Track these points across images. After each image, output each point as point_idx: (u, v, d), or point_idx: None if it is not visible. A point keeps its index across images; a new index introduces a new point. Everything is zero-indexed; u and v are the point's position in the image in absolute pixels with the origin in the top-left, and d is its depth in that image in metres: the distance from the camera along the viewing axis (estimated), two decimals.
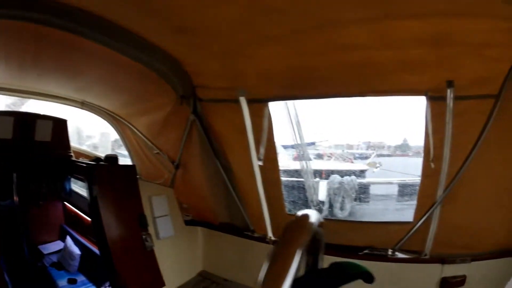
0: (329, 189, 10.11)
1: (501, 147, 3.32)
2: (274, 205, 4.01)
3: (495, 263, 3.38)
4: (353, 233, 4.09)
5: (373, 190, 12.20)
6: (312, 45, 3.01)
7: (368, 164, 12.99)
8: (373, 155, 13.79)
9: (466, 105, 3.19)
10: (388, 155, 18.56)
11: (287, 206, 4.38)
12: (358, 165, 13.18)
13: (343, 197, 10.08)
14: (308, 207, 8.93)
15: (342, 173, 11.41)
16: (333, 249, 3.70)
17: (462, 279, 3.49)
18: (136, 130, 4.94)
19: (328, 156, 13.54)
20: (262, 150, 3.69)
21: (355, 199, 11.10)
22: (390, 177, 12.57)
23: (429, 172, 3.45)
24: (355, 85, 3.44)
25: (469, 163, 3.31)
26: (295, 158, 11.77)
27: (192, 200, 4.76)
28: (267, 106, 3.67)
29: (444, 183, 3.37)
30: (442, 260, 3.51)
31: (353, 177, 10.80)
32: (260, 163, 3.71)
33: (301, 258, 0.98)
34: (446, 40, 2.83)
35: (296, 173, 9.99)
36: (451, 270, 3.51)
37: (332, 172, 11.44)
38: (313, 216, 1.16)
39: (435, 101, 3.22)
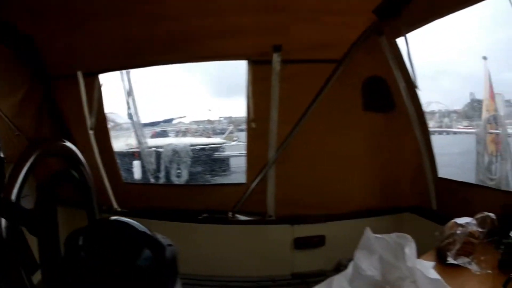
0: (164, 157, 10.15)
1: (344, 110, 3.54)
2: (112, 175, 4.06)
3: (354, 223, 3.51)
4: (190, 198, 4.14)
5: (231, 161, 12.35)
6: (139, 18, 3.09)
7: (226, 138, 13.13)
8: (229, 130, 13.95)
9: (299, 68, 3.37)
10: None
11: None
12: (216, 140, 13.28)
13: (178, 164, 10.14)
14: (146, 176, 9.35)
15: (200, 148, 11.45)
16: (171, 215, 3.78)
17: (321, 239, 3.63)
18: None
19: (183, 132, 13.49)
20: (93, 120, 3.80)
21: (210, 169, 11.20)
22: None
23: (255, 133, 3.59)
24: (180, 52, 3.58)
25: (303, 124, 3.47)
26: (153, 135, 12.04)
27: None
28: (97, 78, 3.79)
29: (275, 144, 3.50)
30: (291, 221, 3.61)
31: (186, 144, 10.88)
32: (92, 132, 3.81)
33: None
34: (279, 7, 2.93)
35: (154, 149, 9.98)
36: (305, 231, 3.62)
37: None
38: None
39: (262, 65, 3.38)
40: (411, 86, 3.27)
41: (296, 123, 3.50)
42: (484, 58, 8.63)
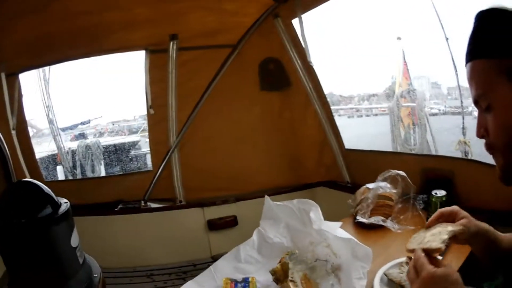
0: (78, 154, 10.08)
1: (241, 92, 3.69)
2: (34, 174, 4.05)
3: (261, 201, 3.51)
4: (104, 190, 4.10)
5: (148, 158, 12.32)
6: (52, 15, 3.07)
7: (140, 135, 13.14)
8: (142, 127, 13.92)
9: (195, 54, 3.50)
10: None
11: None
12: (131, 138, 13.23)
13: (92, 160, 10.09)
14: (65, 173, 9.14)
15: (116, 146, 11.36)
16: (88, 209, 3.70)
17: (234, 219, 3.71)
18: None
19: (101, 133, 13.34)
20: (15, 121, 3.74)
21: (126, 167, 11.17)
22: None
23: (156, 119, 3.65)
24: (87, 47, 3.61)
25: (202, 108, 3.60)
26: (72, 139, 11.48)
27: None
28: (17, 78, 3.74)
29: (175, 129, 3.59)
30: (201, 204, 3.68)
31: (97, 140, 10.85)
32: (14, 132, 3.76)
33: None
34: None
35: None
36: (216, 212, 3.70)
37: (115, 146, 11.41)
38: None
39: (158, 53, 3.46)
40: (307, 65, 3.39)
41: (194, 107, 3.60)
42: (398, 38, 8.95)
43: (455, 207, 1.78)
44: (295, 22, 3.30)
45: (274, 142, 3.84)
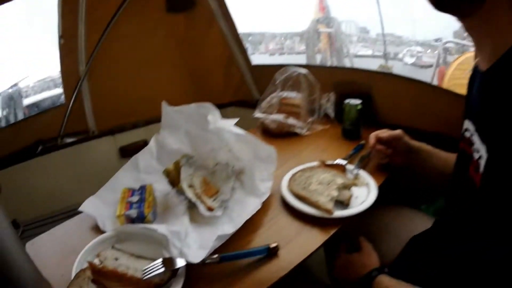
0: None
1: (148, 14, 3.53)
2: None
3: None
4: (19, 135, 3.67)
5: None
6: None
7: None
8: None
9: None
10: None
11: None
12: (56, 91, 12.80)
13: (14, 109, 9.81)
14: None
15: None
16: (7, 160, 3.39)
17: (143, 143, 3.32)
18: None
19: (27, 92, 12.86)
20: None
21: None
22: None
23: (67, 51, 3.41)
24: None
25: (109, 34, 3.39)
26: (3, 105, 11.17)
27: None
28: None
29: (84, 59, 3.40)
30: (112, 131, 3.58)
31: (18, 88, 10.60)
32: None
33: None
34: None
35: None
36: (127, 138, 3.62)
37: None
38: None
39: None
40: None
41: (102, 34, 3.40)
42: None
43: (385, 130, 1.82)
44: None
45: (180, 64, 3.75)
